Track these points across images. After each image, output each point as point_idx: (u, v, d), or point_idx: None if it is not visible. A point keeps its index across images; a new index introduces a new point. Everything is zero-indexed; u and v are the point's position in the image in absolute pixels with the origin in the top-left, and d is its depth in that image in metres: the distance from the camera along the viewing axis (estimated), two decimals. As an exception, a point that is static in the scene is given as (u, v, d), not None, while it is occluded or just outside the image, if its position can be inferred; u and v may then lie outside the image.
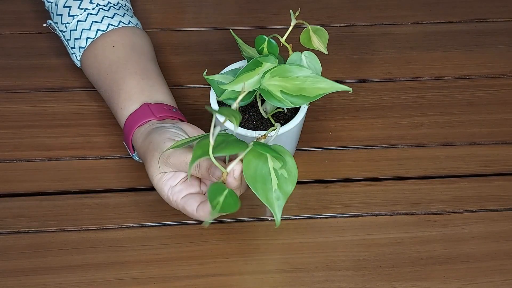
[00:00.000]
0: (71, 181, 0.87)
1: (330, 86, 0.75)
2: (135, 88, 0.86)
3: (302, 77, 0.75)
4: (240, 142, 0.71)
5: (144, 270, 0.79)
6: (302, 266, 0.80)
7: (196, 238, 0.82)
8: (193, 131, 0.81)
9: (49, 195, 0.86)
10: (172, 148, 0.75)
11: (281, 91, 0.75)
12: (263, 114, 0.81)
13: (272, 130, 0.76)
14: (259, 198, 0.71)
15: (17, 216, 0.84)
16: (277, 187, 0.71)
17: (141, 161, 0.84)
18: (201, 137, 0.73)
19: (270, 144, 0.72)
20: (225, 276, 0.79)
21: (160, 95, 0.86)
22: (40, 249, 0.81)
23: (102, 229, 0.83)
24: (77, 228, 0.83)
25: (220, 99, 0.79)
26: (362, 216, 0.85)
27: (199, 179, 0.79)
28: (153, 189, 0.82)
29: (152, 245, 0.82)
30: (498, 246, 0.82)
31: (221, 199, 0.69)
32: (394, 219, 0.84)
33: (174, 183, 0.77)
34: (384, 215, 0.85)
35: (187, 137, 0.78)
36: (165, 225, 0.83)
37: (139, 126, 0.82)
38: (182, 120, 0.84)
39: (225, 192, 0.69)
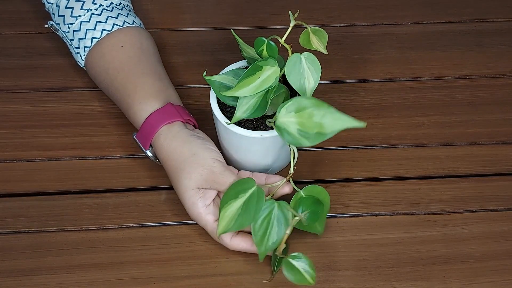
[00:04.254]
0: (71, 181, 0.87)
1: (347, 122, 0.72)
2: (152, 88, 0.86)
3: (317, 112, 0.73)
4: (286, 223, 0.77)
5: (144, 270, 0.79)
6: (302, 266, 0.80)
7: (196, 238, 0.82)
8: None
9: (49, 195, 0.86)
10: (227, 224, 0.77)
11: (298, 129, 0.74)
12: (267, 123, 0.80)
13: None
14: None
15: (17, 216, 0.84)
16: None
17: (153, 158, 0.84)
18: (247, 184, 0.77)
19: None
20: (225, 276, 0.79)
21: (173, 98, 0.87)
22: (40, 249, 0.81)
23: (102, 229, 0.83)
24: (77, 228, 0.83)
25: (232, 121, 0.79)
26: (362, 216, 0.85)
27: None
28: (153, 189, 0.82)
29: (152, 245, 0.82)
30: (498, 246, 0.82)
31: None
32: (394, 219, 0.84)
33: (208, 202, 0.79)
34: (384, 215, 0.85)
35: (220, 156, 0.81)
36: (165, 225, 0.83)
37: (167, 124, 0.82)
38: (195, 126, 0.86)
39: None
